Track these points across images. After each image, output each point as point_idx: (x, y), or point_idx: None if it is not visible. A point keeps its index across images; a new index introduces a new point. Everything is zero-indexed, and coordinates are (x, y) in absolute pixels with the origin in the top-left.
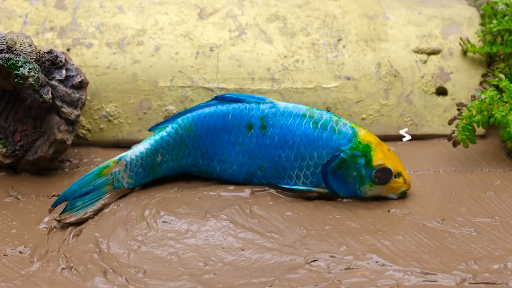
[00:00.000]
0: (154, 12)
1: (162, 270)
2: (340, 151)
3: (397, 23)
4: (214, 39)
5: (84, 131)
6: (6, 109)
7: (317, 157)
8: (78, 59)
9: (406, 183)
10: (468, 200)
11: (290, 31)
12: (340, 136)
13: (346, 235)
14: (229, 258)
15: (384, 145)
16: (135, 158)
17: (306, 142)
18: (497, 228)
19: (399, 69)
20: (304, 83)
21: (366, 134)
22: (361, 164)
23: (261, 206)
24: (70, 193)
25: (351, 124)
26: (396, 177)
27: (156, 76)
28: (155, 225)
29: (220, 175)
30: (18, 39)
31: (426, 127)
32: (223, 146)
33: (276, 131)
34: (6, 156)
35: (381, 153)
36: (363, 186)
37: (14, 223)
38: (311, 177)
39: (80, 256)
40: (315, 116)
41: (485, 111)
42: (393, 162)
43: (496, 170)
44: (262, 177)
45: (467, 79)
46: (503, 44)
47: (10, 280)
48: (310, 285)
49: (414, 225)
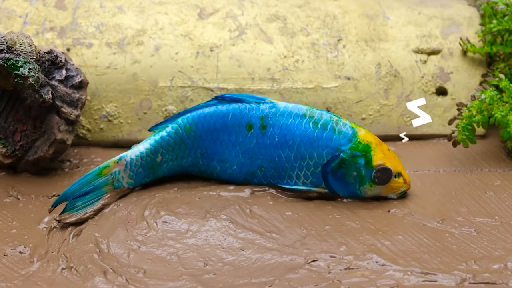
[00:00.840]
0: (154, 12)
1: (162, 270)
2: (340, 151)
3: (397, 23)
4: (214, 39)
5: (84, 131)
6: (6, 109)
7: (317, 157)
8: (78, 59)
9: (406, 183)
10: (468, 200)
11: (290, 31)
12: (340, 136)
13: (346, 235)
14: (229, 258)
15: (384, 145)
16: (135, 158)
17: (306, 142)
18: (497, 228)
19: (399, 69)
20: (304, 83)
21: (366, 134)
22: (361, 164)
23: (261, 206)
24: (70, 193)
25: (351, 124)
26: (396, 177)
27: (156, 76)
28: (155, 225)
29: (220, 175)
30: (18, 39)
31: (426, 127)
32: (223, 146)
33: (276, 131)
34: (6, 156)
35: (381, 153)
36: (363, 186)
37: (14, 223)
38: (311, 177)
39: (80, 256)
40: (315, 116)
41: (485, 111)
42: (393, 162)
43: (496, 170)
44: (262, 177)
45: (467, 79)
46: (503, 44)
47: (10, 280)
48: (310, 285)
49: (414, 225)
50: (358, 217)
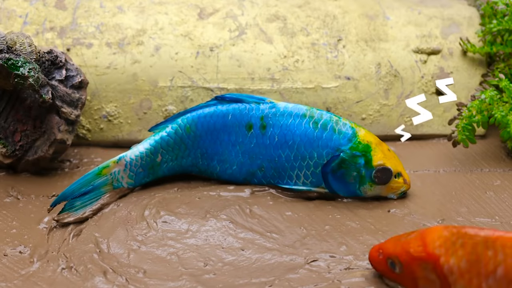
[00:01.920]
0: (154, 12)
1: (162, 270)
2: (340, 151)
3: (397, 23)
4: (214, 39)
5: (84, 131)
6: (6, 109)
7: (317, 157)
8: (78, 59)
9: (406, 183)
10: (468, 200)
11: (290, 31)
12: (340, 136)
13: (346, 235)
14: (229, 258)
15: (384, 145)
16: (135, 158)
17: (306, 142)
18: (497, 228)
19: (399, 69)
20: (304, 83)
21: (366, 134)
22: (361, 164)
23: (261, 206)
24: (69, 193)
25: (351, 124)
26: (396, 177)
27: (156, 76)
28: (155, 225)
29: (220, 175)
30: (18, 39)
31: (426, 127)
32: (223, 146)
33: (276, 131)
34: (6, 156)
35: (381, 153)
36: (363, 186)
37: (14, 223)
38: (311, 177)
39: (80, 256)
40: (315, 116)
41: (485, 111)
42: (393, 162)
43: (496, 170)
44: (262, 177)
45: (467, 79)
46: (503, 44)
47: (10, 280)
48: (310, 285)
49: (414, 225)
50: (358, 217)
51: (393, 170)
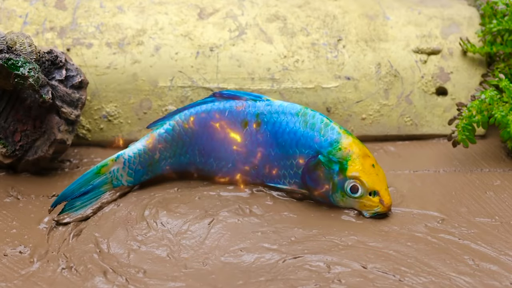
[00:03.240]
0: (154, 12)
1: (162, 270)
2: (319, 153)
3: (397, 23)
4: (214, 39)
5: (84, 131)
6: (6, 109)
7: (299, 157)
8: (78, 59)
9: (382, 205)
10: (468, 200)
11: (290, 31)
12: (323, 139)
13: (346, 235)
14: (228, 258)
15: (370, 160)
16: (133, 155)
17: (292, 141)
18: (497, 228)
19: (399, 69)
20: (304, 83)
21: (351, 144)
22: (334, 170)
23: (260, 206)
24: (69, 193)
25: (341, 130)
26: (371, 195)
27: (156, 76)
28: (155, 225)
29: (216, 173)
30: (18, 39)
31: (426, 127)
32: (220, 143)
33: (269, 128)
34: (6, 156)
35: (359, 166)
36: (335, 193)
37: (14, 223)
38: (294, 178)
39: (80, 256)
40: (307, 116)
41: (485, 111)
42: (371, 179)
43: (496, 170)
44: (255, 175)
45: (467, 79)
46: (503, 44)
47: (10, 280)
48: (310, 285)
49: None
50: (358, 217)
51: (367, 187)
